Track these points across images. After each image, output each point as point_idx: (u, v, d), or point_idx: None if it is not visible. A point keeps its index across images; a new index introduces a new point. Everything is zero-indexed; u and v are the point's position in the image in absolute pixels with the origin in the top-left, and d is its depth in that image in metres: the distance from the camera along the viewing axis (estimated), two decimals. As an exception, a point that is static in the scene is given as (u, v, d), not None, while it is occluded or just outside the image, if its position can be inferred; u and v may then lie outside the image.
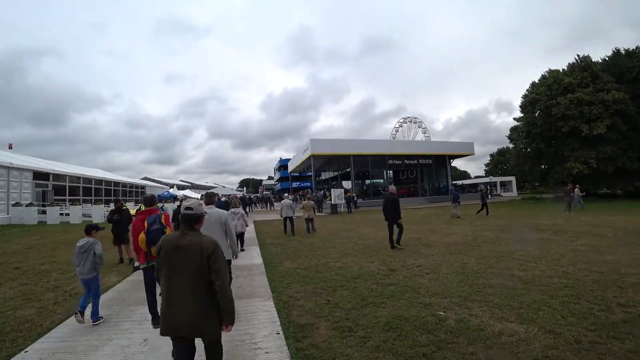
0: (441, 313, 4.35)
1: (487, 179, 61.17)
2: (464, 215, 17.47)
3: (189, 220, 2.45)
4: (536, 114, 31.84)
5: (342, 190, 25.88)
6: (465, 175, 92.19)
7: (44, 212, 22.68)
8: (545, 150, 31.98)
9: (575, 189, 20.09)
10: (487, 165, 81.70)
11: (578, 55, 33.26)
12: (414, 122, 65.19)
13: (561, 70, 33.13)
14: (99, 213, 23.32)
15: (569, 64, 33.42)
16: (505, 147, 76.96)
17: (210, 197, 4.83)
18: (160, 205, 10.76)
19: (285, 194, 16.40)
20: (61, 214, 23.52)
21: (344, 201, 25.58)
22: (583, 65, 32.08)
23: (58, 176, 29.62)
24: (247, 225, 9.95)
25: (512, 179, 58.11)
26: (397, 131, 65.08)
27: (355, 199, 27.85)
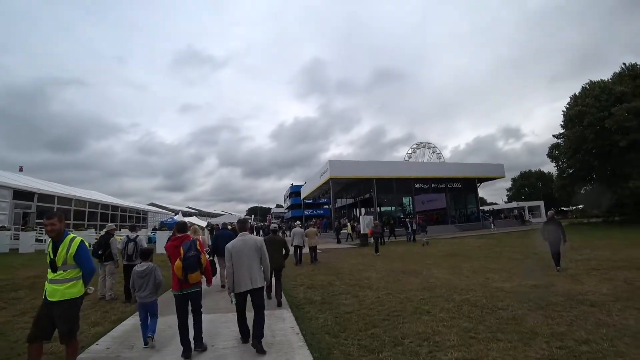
0: None
1: (513, 204, 56.35)
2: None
3: (274, 230, 7.24)
4: (584, 128, 27.85)
5: (372, 217, 21.76)
6: (482, 201, 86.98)
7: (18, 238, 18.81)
8: (600, 167, 27.81)
9: None
10: (509, 190, 76.69)
11: (624, 64, 29.88)
12: (428, 148, 61.37)
13: (607, 80, 29.68)
14: (88, 240, 19.36)
15: (615, 73, 30.06)
16: (528, 170, 72.98)
17: (243, 224, 4.65)
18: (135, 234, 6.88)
19: (297, 222, 13.58)
20: (39, 241, 19.63)
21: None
22: (632, 74, 28.62)
23: (45, 197, 25.86)
24: None
25: (541, 203, 53.26)
26: (410, 157, 61.11)
27: (414, 225, 21.20)
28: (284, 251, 6.53)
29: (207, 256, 4.81)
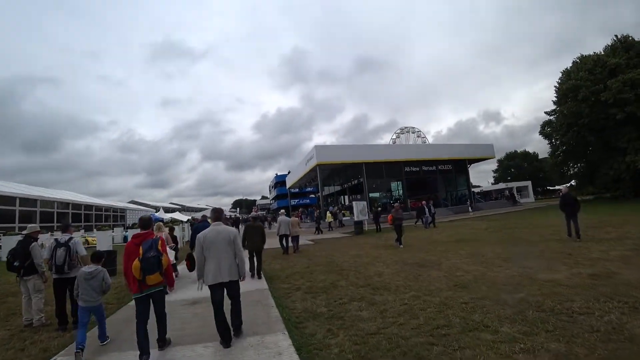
0: None
1: (501, 185, 56.10)
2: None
3: (254, 219, 10.02)
4: (579, 103, 26.85)
5: (365, 203, 20.31)
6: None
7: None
8: (595, 143, 27.00)
9: None
10: (495, 171, 76.62)
11: (616, 36, 28.95)
12: (412, 132, 60.16)
13: (599, 53, 28.77)
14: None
15: (607, 45, 29.07)
16: (514, 151, 72.93)
17: (219, 213, 4.37)
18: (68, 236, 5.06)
19: (282, 210, 13.46)
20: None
21: (367, 217, 20.04)
22: (625, 46, 27.69)
23: (4, 198, 23.40)
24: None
25: (529, 183, 53.31)
26: (394, 142, 59.81)
27: (431, 209, 18.89)
28: (262, 236, 8.32)
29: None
